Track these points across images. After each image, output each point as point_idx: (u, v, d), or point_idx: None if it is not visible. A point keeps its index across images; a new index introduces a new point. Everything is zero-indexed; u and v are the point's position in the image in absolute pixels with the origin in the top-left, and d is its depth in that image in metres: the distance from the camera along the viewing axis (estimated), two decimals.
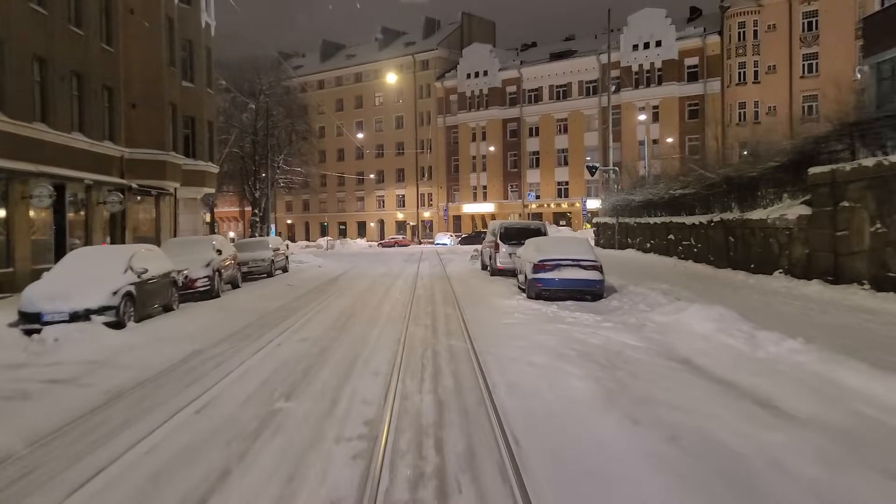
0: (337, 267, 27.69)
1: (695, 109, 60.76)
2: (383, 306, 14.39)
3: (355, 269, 26.37)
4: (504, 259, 20.32)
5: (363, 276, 23.16)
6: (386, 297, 16.06)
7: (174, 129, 26.78)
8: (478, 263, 25.47)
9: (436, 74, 76.63)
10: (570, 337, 9.85)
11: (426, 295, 16.29)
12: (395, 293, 17.03)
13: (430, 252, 44.41)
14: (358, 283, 20.30)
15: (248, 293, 17.49)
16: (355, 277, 22.30)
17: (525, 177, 71.18)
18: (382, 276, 22.65)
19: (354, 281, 20.94)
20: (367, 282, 20.62)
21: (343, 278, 22.16)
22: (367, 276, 22.58)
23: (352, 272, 24.89)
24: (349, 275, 23.64)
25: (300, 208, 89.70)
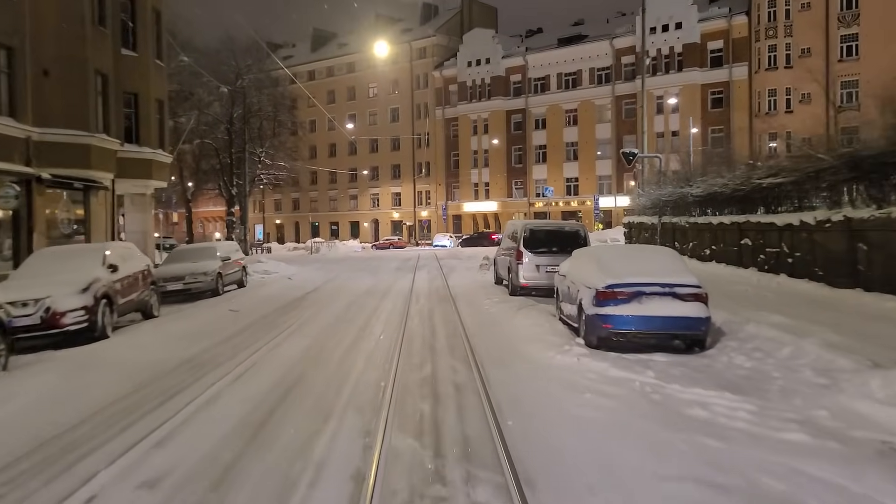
0: (313, 278, 22.21)
1: (719, 98, 55.33)
2: (353, 360, 8.90)
3: (334, 283, 20.88)
4: (530, 273, 14.91)
5: (341, 293, 17.67)
6: (361, 339, 10.56)
7: (105, 105, 21.25)
8: (489, 275, 20.04)
9: (434, 63, 71.15)
10: (748, 480, 4.36)
11: (423, 334, 10.78)
12: (377, 329, 11.53)
13: (429, 256, 38.91)
14: (329, 307, 14.79)
15: (159, 329, 11.97)
16: (329, 296, 16.80)
17: (531, 173, 65.73)
18: (366, 294, 17.16)
19: (326, 303, 15.43)
20: (341, 304, 15.13)
21: (312, 298, 16.66)
22: (346, 294, 17.09)
23: (328, 287, 19.41)
24: (323, 292, 18.15)
25: (289, 207, 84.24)
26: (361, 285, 19.35)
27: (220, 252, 17.71)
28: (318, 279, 21.68)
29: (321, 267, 28.37)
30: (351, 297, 16.23)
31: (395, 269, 26.00)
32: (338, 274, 24.15)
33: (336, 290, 18.09)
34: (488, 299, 15.01)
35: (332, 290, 18.10)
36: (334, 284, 19.93)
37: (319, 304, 15.24)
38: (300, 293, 17.53)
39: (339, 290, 18.10)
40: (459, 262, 29.96)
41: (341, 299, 15.96)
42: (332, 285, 19.66)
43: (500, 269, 17.65)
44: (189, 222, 57.16)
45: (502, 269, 17.16)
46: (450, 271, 24.64)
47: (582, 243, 15.10)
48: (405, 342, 9.96)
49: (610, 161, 61.07)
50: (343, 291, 17.85)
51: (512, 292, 15.61)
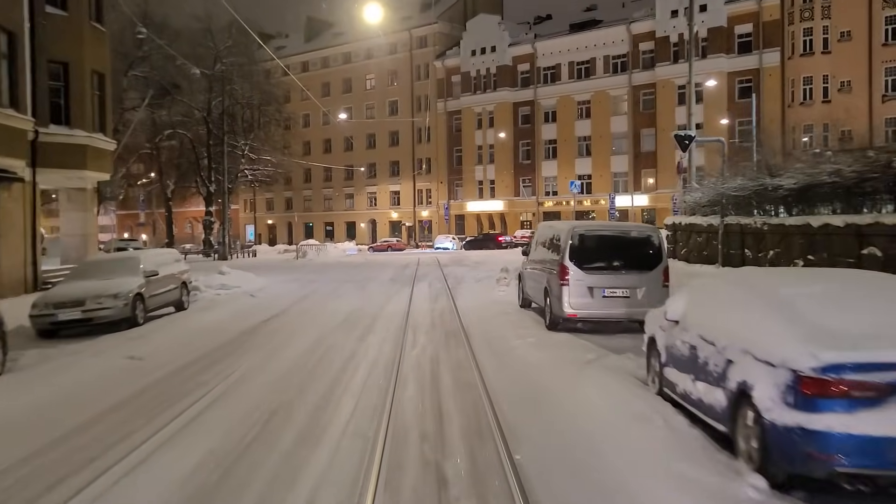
0: (282, 296, 17.40)
1: (747, 87, 50.47)
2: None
3: (307, 303, 16.04)
4: (580, 299, 10.21)
5: (309, 323, 12.80)
6: (310, 443, 5.71)
7: (13, 73, 16.51)
8: (510, 292, 15.28)
9: (435, 52, 66.37)
10: None
11: (422, 431, 5.86)
12: (344, 409, 6.59)
13: (430, 261, 34.13)
14: (282, 353, 9.71)
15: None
16: (290, 331, 11.84)
17: (540, 169, 61.01)
18: (343, 325, 12.24)
19: (279, 346, 10.21)
20: (302, 346, 10.14)
21: (265, 333, 11.71)
22: (314, 326, 12.16)
23: (295, 311, 14.55)
24: (284, 321, 13.28)
25: (282, 206, 79.51)
26: (341, 308, 14.54)
27: (144, 264, 12.91)
28: (287, 297, 16.88)
29: (301, 277, 23.60)
30: (320, 332, 11.39)
31: (389, 281, 21.20)
32: (317, 288, 19.36)
33: (304, 318, 13.26)
34: (518, 337, 10.26)
35: (297, 318, 13.24)
36: (306, 306, 15.11)
37: (270, 345, 10.36)
38: (253, 322, 12.71)
39: (307, 318, 13.27)
40: (467, 271, 25.19)
41: (305, 336, 11.13)
42: (303, 308, 14.84)
43: (529, 288, 12.87)
44: (169, 223, 52.55)
45: (533, 289, 12.39)
46: (456, 283, 19.89)
47: (656, 256, 10.36)
48: (389, 455, 5.18)
49: (626, 157, 56.36)
50: (313, 319, 13.03)
51: (551, 324, 10.85)
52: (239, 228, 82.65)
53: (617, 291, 10.20)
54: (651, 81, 54.33)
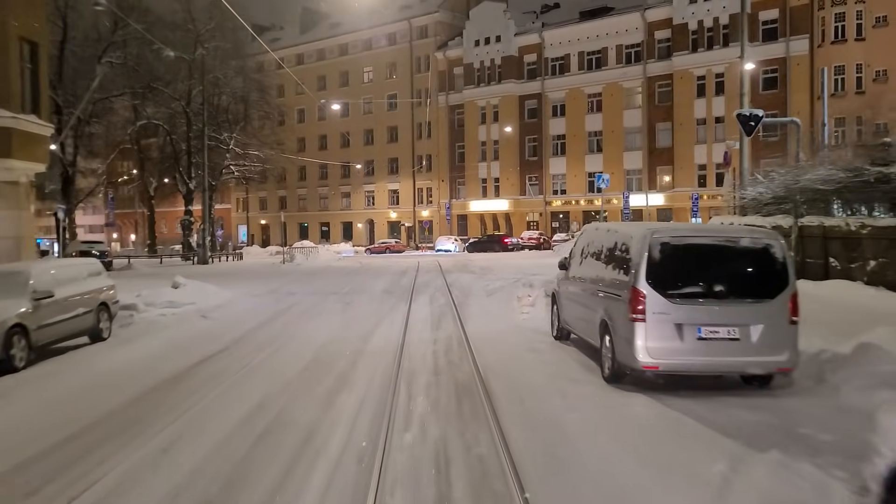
0: (245, 316, 13.74)
1: (773, 77, 46.91)
2: None
3: (271, 329, 12.31)
4: (664, 342, 6.66)
5: (266, 362, 9.04)
6: None
7: None
8: (538, 315, 11.67)
9: (437, 43, 62.76)
10: None
11: None
12: None
13: (430, 266, 30.57)
14: (208, 424, 6.22)
15: None
16: (235, 376, 8.08)
17: (547, 167, 57.44)
18: (309, 369, 8.29)
19: (206, 411, 6.60)
20: (237, 414, 6.43)
21: (197, 381, 7.76)
22: (270, 372, 8.23)
23: (252, 343, 10.76)
24: (235, 356, 9.47)
25: (275, 206, 75.76)
26: (314, 337, 10.89)
27: (35, 282, 9.26)
28: (250, 319, 13.23)
29: (279, 288, 19.99)
30: (271, 385, 7.65)
31: (383, 294, 17.58)
32: (293, 304, 15.73)
33: (258, 356, 9.50)
34: (563, 396, 6.74)
35: (249, 356, 9.47)
36: (268, 335, 11.43)
37: (187, 415, 6.65)
38: (185, 363, 9.00)
39: (263, 356, 9.56)
40: (473, 280, 21.61)
41: (246, 392, 7.47)
42: (263, 338, 11.14)
43: (571, 316, 9.22)
44: (151, 223, 49.03)
45: (579, 319, 8.75)
46: (463, 297, 16.31)
47: (779, 276, 6.75)
48: None
49: (640, 153, 52.81)
50: (270, 359, 9.36)
51: (613, 376, 7.23)
52: (231, 229, 79.17)
53: (720, 331, 6.62)
54: (667, 72, 50.75)
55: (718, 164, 48.64)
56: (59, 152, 35.09)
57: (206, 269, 31.61)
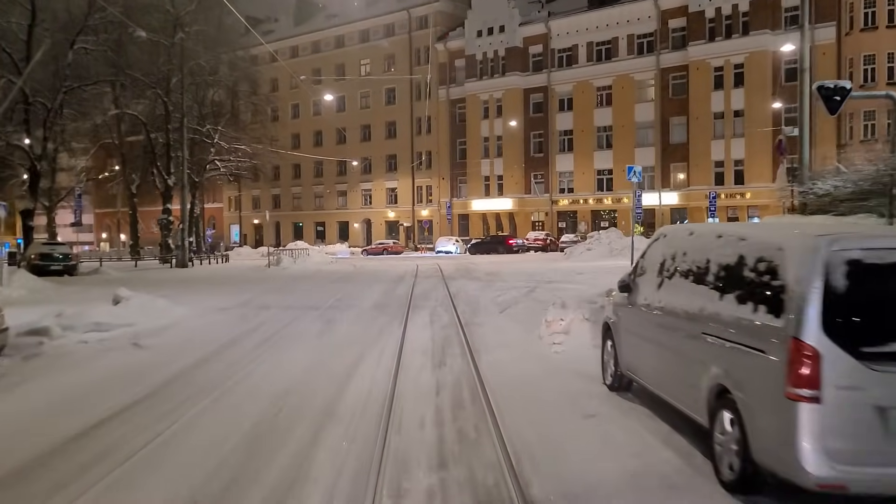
0: (193, 343, 10.57)
1: (796, 68, 43.72)
2: None
3: (219, 364, 9.06)
4: (855, 442, 3.74)
5: (183, 432, 6.10)
6: None
7: None
8: (576, 348, 8.65)
9: (437, 34, 59.76)
10: None
11: None
12: None
13: (430, 270, 27.67)
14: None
15: None
16: (121, 467, 5.30)
17: (553, 164, 54.47)
18: (244, 447, 5.54)
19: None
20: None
21: (47, 486, 5.14)
22: (178, 458, 5.52)
23: (184, 391, 7.37)
24: (146, 418, 6.53)
25: (269, 204, 72.75)
26: (267, 384, 7.73)
27: None
28: (198, 347, 10.15)
29: (252, 300, 16.96)
30: (165, 491, 4.79)
31: (372, 311, 14.55)
32: (261, 323, 12.70)
33: (177, 420, 6.44)
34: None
35: (164, 422, 6.35)
36: (208, 376, 8.20)
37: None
38: (57, 436, 5.98)
39: (184, 420, 6.49)
40: (480, 288, 18.68)
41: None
42: (202, 381, 7.94)
43: (638, 358, 6.16)
44: (133, 222, 45.99)
45: (656, 366, 5.75)
46: (471, 314, 13.32)
47: None
48: None
49: (652, 149, 49.85)
50: (190, 427, 6.25)
51: (741, 482, 4.25)
52: (223, 228, 76.26)
53: None
54: (682, 63, 47.79)
55: (737, 161, 45.80)
56: (24, 145, 32.18)
57: (182, 273, 28.65)
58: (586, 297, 10.88)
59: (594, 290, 16.79)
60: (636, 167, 16.35)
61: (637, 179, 16.29)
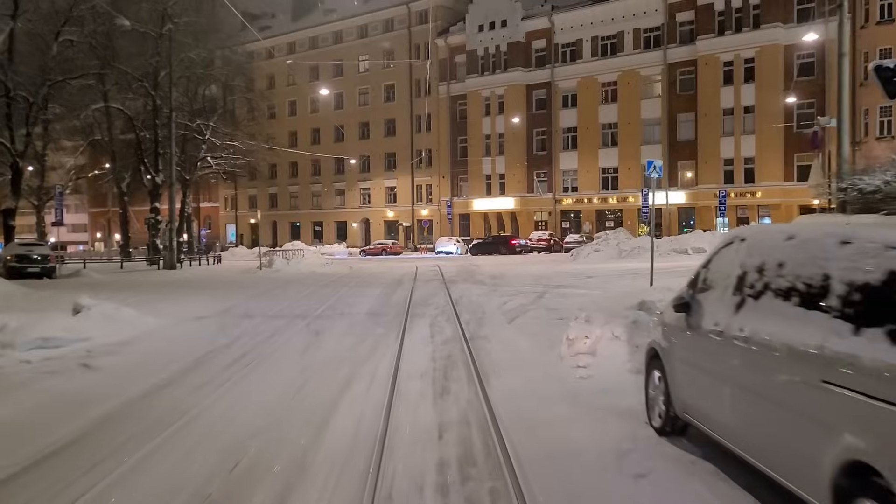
0: (156, 361, 9.09)
1: (808, 63, 42.41)
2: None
3: (178, 391, 7.52)
4: None
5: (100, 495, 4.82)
6: None
7: None
8: (608, 373, 7.19)
9: (437, 28, 58.27)
10: None
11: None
12: None
13: (430, 273, 26.25)
14: None
15: None
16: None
17: (557, 162, 53.02)
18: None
19: None
20: None
21: None
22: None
23: (131, 426, 6.42)
24: (66, 471, 5.29)
25: (266, 204, 71.37)
26: (232, 420, 6.34)
27: None
28: (159, 367, 8.64)
29: (235, 306, 15.47)
30: None
31: (365, 321, 13.05)
32: (237, 337, 11.17)
33: (99, 481, 5.05)
34: None
35: (83, 482, 5.05)
36: (163, 409, 6.75)
37: None
38: None
39: (113, 476, 5.15)
40: (485, 294, 17.24)
41: None
42: (153, 416, 6.51)
43: (707, 399, 4.66)
44: (124, 221, 44.54)
45: (742, 416, 4.26)
46: (476, 324, 11.86)
47: None
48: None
49: (659, 147, 48.34)
50: (121, 485, 4.92)
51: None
52: (219, 228, 74.81)
53: None
54: (691, 58, 46.35)
55: (748, 159, 44.33)
56: (5, 140, 30.73)
57: (169, 276, 27.19)
58: (612, 308, 9.39)
59: (609, 296, 15.36)
60: (656, 161, 14.83)
61: (658, 175, 14.83)
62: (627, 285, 17.95)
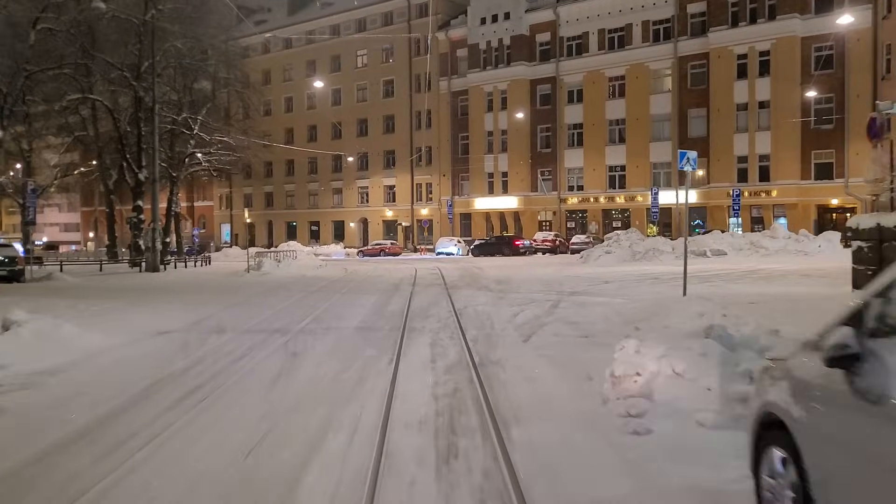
0: (85, 394, 7.36)
1: (827, 56, 40.47)
2: None
3: (103, 442, 6.08)
4: None
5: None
6: None
7: None
8: (676, 428, 5.28)
9: (438, 22, 56.33)
10: None
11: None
12: None
13: (431, 277, 24.37)
14: None
15: None
16: None
17: (562, 159, 51.12)
18: None
19: None
20: None
21: None
22: None
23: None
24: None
25: (261, 203, 69.57)
26: (163, 497, 4.57)
27: None
28: (89, 401, 6.85)
29: (205, 319, 13.52)
30: None
31: (354, 337, 11.11)
32: (199, 360, 9.27)
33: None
34: None
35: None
36: (69, 473, 5.11)
37: None
38: None
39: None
40: (492, 302, 15.33)
41: None
42: (45, 489, 4.88)
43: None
44: (110, 221, 42.60)
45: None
46: (487, 347, 9.89)
47: None
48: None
49: (669, 143, 46.51)
50: None
51: None
52: (213, 228, 72.97)
53: None
54: (702, 50, 44.43)
55: (762, 157, 42.38)
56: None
57: (148, 280, 25.26)
58: (664, 329, 7.46)
59: (636, 306, 13.42)
60: (690, 153, 12.87)
61: (692, 168, 12.87)
62: (652, 293, 16.04)
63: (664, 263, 26.01)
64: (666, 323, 10.97)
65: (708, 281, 18.55)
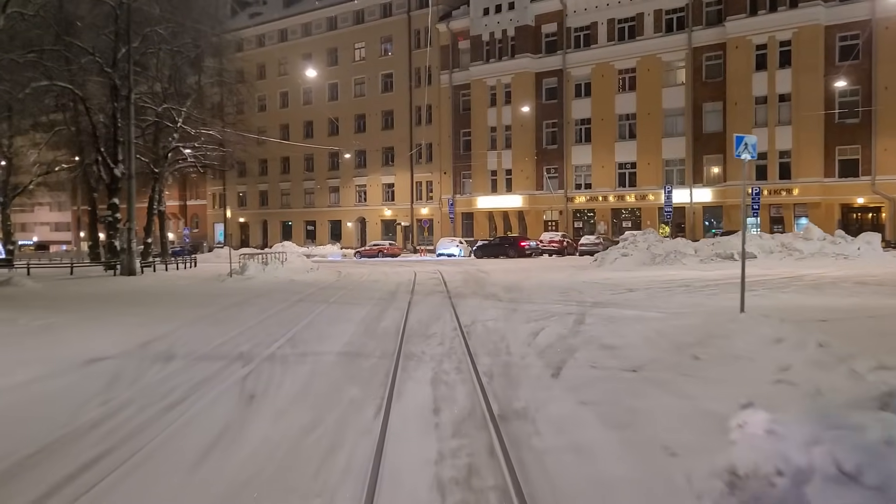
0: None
1: (853, 45, 38.05)
2: None
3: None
4: None
5: None
6: None
7: None
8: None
9: (439, 13, 53.85)
10: None
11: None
12: None
13: (431, 281, 22.03)
14: None
15: None
16: None
17: (569, 156, 48.70)
18: None
19: None
20: None
21: None
22: None
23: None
24: None
25: (255, 202, 67.22)
26: None
27: None
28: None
29: (167, 335, 11.20)
30: None
31: (334, 369, 8.77)
32: (131, 400, 7.00)
33: None
34: None
35: None
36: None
37: None
38: None
39: None
40: (505, 317, 12.99)
41: None
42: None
43: None
44: (93, 220, 40.27)
45: None
46: (504, 380, 7.59)
47: None
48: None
49: (682, 139, 44.20)
50: None
51: None
52: (207, 227, 70.62)
53: None
54: (718, 41, 42.02)
55: (783, 153, 39.94)
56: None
57: (118, 285, 22.88)
58: (735, 361, 5.08)
59: (681, 322, 11.08)
60: (748, 137, 10.51)
61: (752, 156, 10.49)
62: (691, 305, 13.66)
63: (688, 268, 23.65)
64: (733, 351, 8.60)
65: (748, 289, 16.23)
